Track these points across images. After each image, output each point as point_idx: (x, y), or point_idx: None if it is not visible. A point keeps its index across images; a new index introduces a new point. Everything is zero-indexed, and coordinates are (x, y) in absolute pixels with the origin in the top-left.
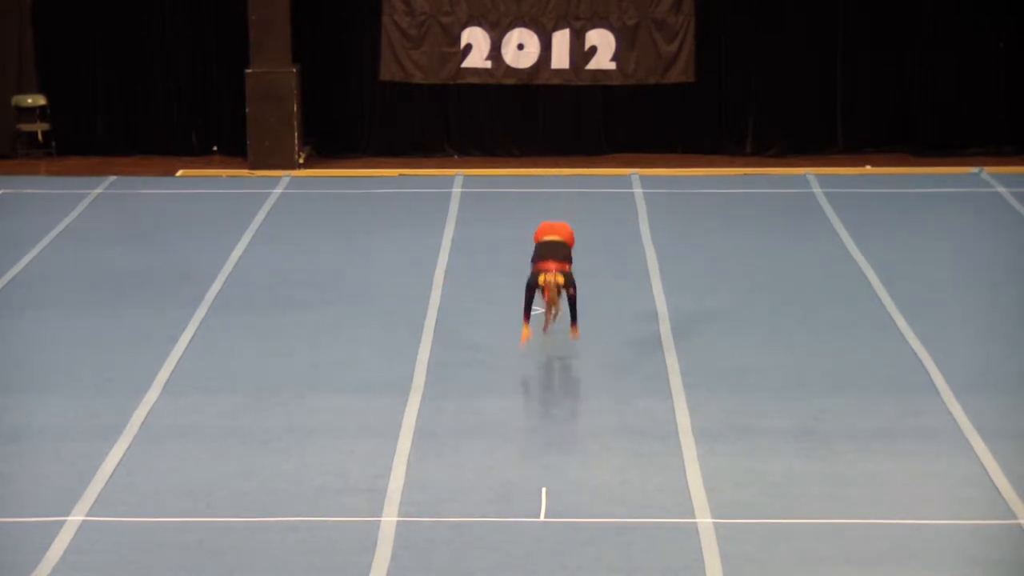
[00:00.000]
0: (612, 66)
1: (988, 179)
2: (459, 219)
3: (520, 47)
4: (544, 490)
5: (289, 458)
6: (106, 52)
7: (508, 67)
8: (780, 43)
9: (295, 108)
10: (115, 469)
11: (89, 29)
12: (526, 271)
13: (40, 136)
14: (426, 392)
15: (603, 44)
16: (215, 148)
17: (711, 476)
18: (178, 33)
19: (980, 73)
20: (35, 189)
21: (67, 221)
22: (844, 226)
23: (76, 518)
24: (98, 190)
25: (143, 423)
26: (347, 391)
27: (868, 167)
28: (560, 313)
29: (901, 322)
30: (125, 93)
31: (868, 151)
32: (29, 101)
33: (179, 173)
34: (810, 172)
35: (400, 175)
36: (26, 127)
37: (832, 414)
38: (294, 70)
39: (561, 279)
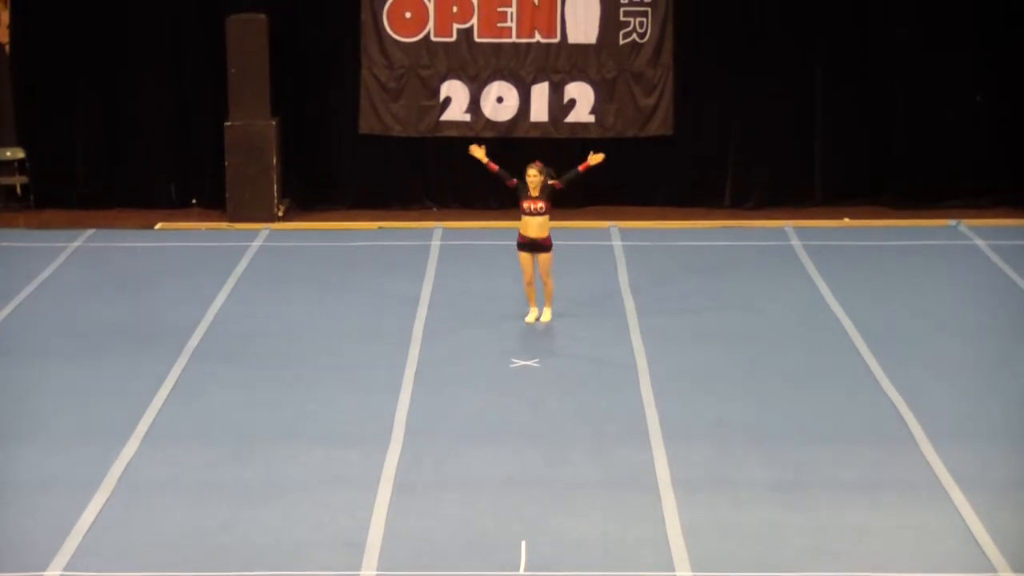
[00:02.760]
0: (591, 119)
1: (965, 231)
2: (438, 271)
3: (499, 100)
4: (524, 543)
5: (268, 511)
6: (84, 104)
7: (487, 120)
8: (758, 96)
9: (274, 161)
10: (93, 522)
11: (68, 81)
12: (506, 324)
13: (18, 189)
14: (405, 444)
15: (582, 97)
16: (194, 201)
17: (691, 528)
18: (157, 85)
19: (957, 126)
20: (13, 242)
21: (46, 274)
22: (823, 277)
23: (54, 573)
24: (77, 243)
25: (122, 475)
26: (326, 443)
27: (846, 219)
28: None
29: (879, 372)
30: (104, 146)
31: (846, 204)
32: (8, 154)
33: (158, 226)
34: (789, 224)
35: (379, 227)
36: (4, 180)
37: (812, 465)
38: (273, 123)
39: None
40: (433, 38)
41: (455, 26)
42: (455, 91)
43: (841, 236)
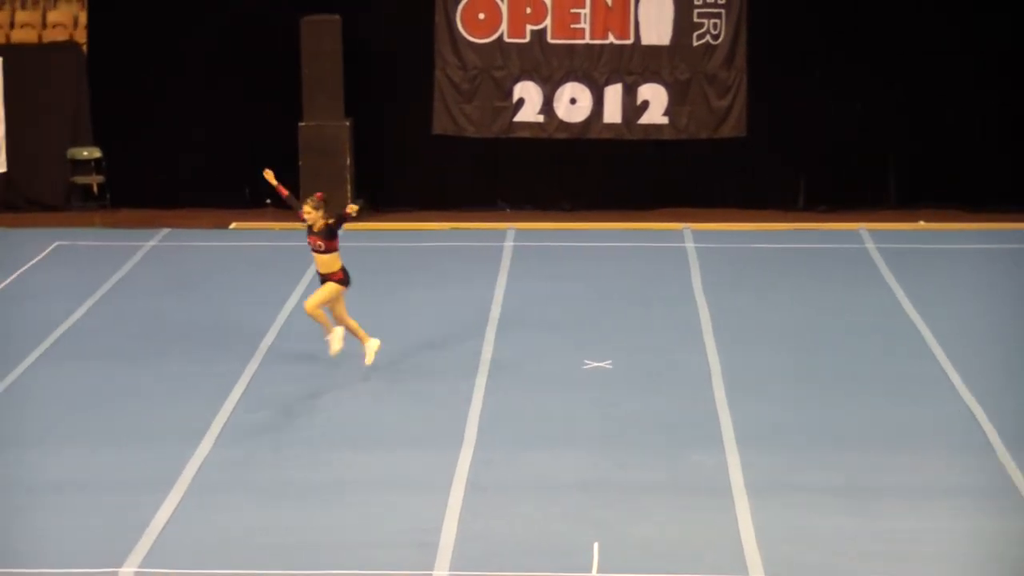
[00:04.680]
0: (664, 121)
1: None
2: (511, 273)
3: (572, 101)
4: (596, 545)
5: (340, 511)
6: (160, 104)
7: (560, 121)
8: (832, 97)
9: (347, 161)
10: (167, 520)
11: (144, 82)
12: (577, 325)
13: (95, 188)
14: (478, 446)
15: (655, 99)
16: (268, 201)
17: (763, 532)
18: (232, 86)
19: None
20: (89, 241)
21: (121, 273)
22: (897, 281)
23: (128, 570)
24: (152, 242)
25: (194, 476)
26: (397, 444)
27: (922, 222)
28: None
29: (955, 378)
30: (179, 145)
31: (922, 206)
32: (84, 153)
33: (232, 226)
34: (863, 227)
35: (452, 228)
36: (81, 179)
37: (885, 470)
38: (347, 123)
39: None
40: (506, 39)
41: (528, 27)
42: (528, 92)
43: (916, 239)
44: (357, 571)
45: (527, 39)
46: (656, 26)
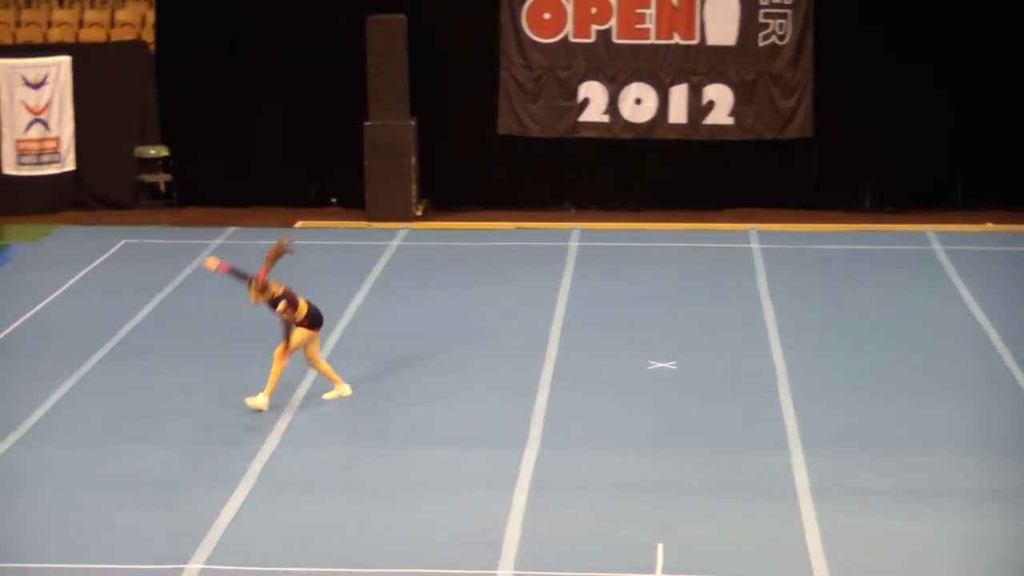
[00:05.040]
0: (729, 121)
1: None
2: (575, 272)
3: (637, 101)
4: (660, 546)
5: (406, 509)
6: (226, 104)
7: (625, 121)
8: (899, 99)
9: (412, 161)
10: (233, 517)
11: (210, 81)
12: (642, 325)
13: (162, 187)
14: (542, 445)
15: (721, 99)
16: (333, 200)
17: (827, 535)
18: (298, 86)
19: None
20: (156, 239)
21: (188, 271)
22: (964, 284)
23: (195, 566)
24: (218, 240)
25: (260, 473)
26: (463, 443)
27: (989, 224)
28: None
29: (1022, 380)
30: (245, 144)
31: (988, 208)
32: (152, 152)
33: (297, 224)
34: (929, 229)
35: (517, 228)
36: (148, 178)
37: (950, 473)
38: (412, 123)
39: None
40: (572, 39)
41: (594, 27)
42: (593, 92)
43: (983, 241)
44: (421, 569)
45: (592, 39)
46: (722, 26)
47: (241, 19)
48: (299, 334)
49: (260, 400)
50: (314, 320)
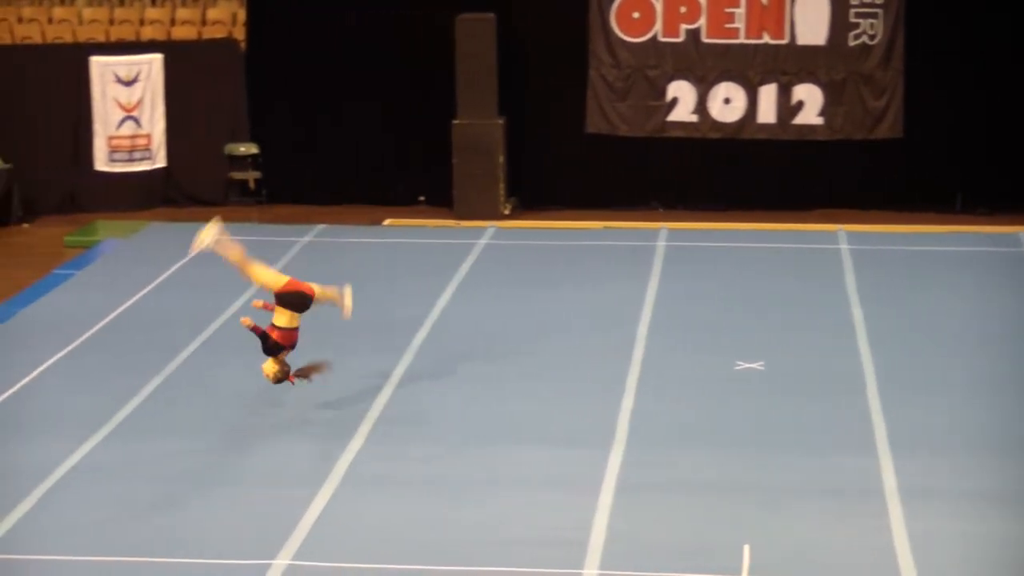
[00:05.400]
0: (819, 121)
1: None
2: (663, 272)
3: (726, 101)
4: (747, 548)
5: (490, 508)
6: (316, 101)
7: (714, 121)
8: (991, 98)
9: (501, 159)
10: (319, 515)
11: (300, 78)
12: (730, 326)
13: (251, 184)
14: (628, 445)
15: (810, 99)
16: (421, 198)
17: (915, 538)
18: (386, 83)
19: None
20: (245, 236)
21: (276, 268)
22: None
23: (282, 562)
24: (307, 238)
25: (347, 470)
26: (548, 442)
27: None
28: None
29: None
30: (334, 142)
31: None
32: (241, 150)
33: (386, 222)
34: (1022, 231)
35: (604, 227)
36: (238, 175)
37: None
38: (500, 122)
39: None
40: (661, 38)
41: (683, 26)
42: (682, 91)
43: None
44: (506, 568)
45: (681, 38)
46: (812, 26)
47: (331, 17)
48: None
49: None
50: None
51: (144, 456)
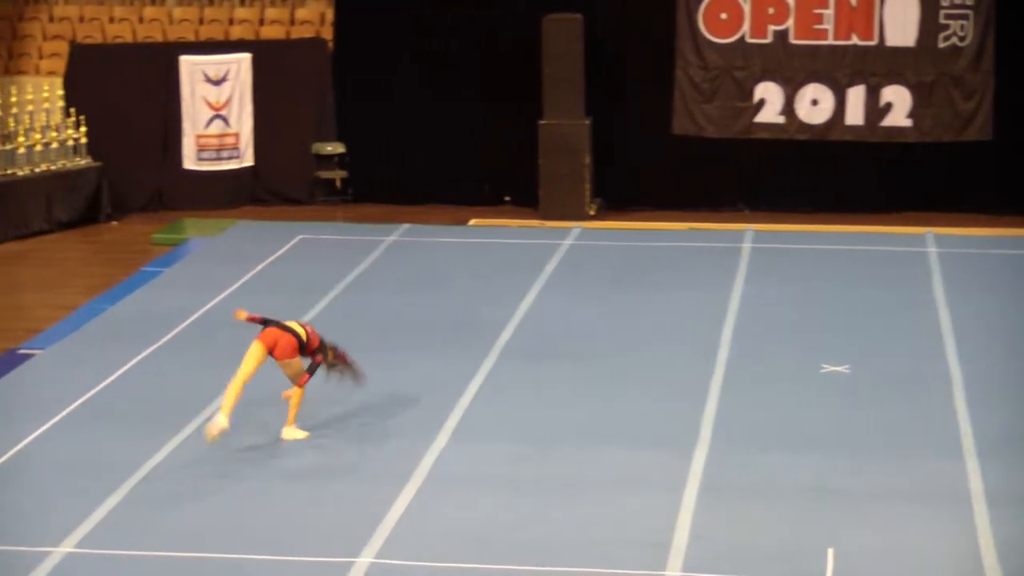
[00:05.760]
0: (907, 123)
1: None
2: (748, 273)
3: (814, 103)
4: (830, 551)
5: (572, 508)
6: (402, 101)
7: (801, 122)
8: None
9: (587, 160)
10: (402, 514)
11: (387, 78)
12: (816, 328)
13: (338, 183)
14: (712, 447)
15: (899, 101)
16: (507, 198)
17: (1003, 543)
18: (473, 83)
19: None
20: (331, 235)
21: (362, 267)
22: None
23: (364, 560)
24: (392, 237)
25: (430, 469)
26: (632, 443)
27: None
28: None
29: None
30: (420, 142)
31: None
32: (328, 149)
33: (471, 222)
34: None
35: (690, 228)
36: (324, 174)
37: None
38: (587, 122)
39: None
40: (748, 39)
41: (771, 27)
42: (769, 93)
43: None
44: (589, 568)
45: (769, 39)
46: (901, 27)
47: (418, 17)
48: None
49: (295, 432)
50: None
51: (230, 454)
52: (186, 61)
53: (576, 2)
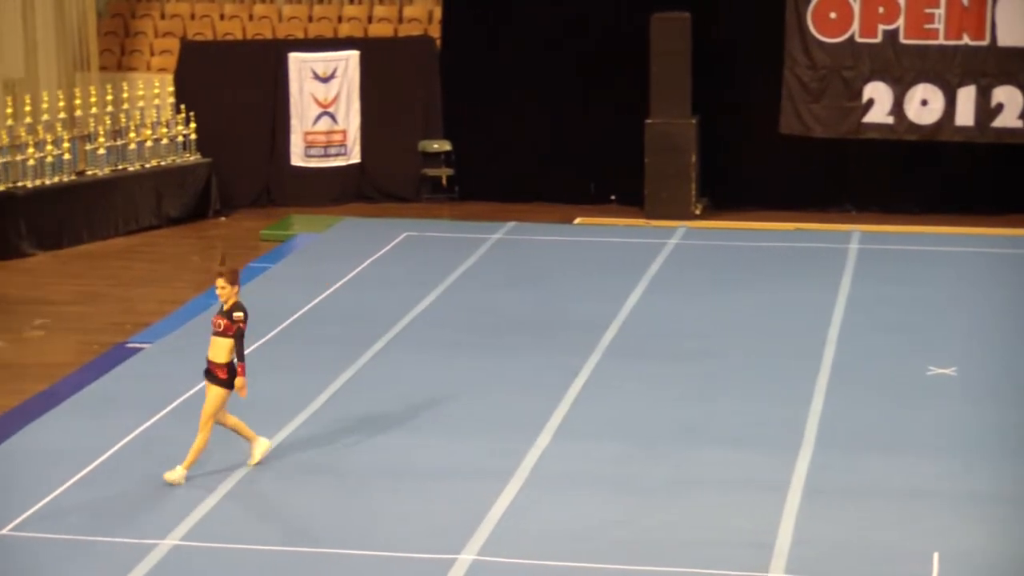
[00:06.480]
0: (1019, 124)
1: None
2: (855, 275)
3: (923, 103)
4: (936, 555)
5: (675, 508)
6: (508, 99)
7: (910, 123)
8: None
9: (693, 159)
10: (505, 511)
11: (493, 77)
12: (922, 330)
13: (444, 181)
14: (816, 448)
15: (1010, 102)
16: (612, 197)
17: None
18: (579, 82)
19: None
20: (437, 232)
21: (467, 264)
22: None
23: (467, 557)
24: (497, 235)
25: (534, 467)
26: (735, 443)
27: None
28: None
29: None
30: (525, 140)
31: None
32: (435, 146)
33: (576, 221)
34: None
35: (796, 229)
36: (431, 172)
37: None
38: (693, 121)
39: None
40: (858, 39)
41: (881, 27)
42: (878, 93)
43: None
44: (692, 568)
45: (879, 39)
46: (1013, 27)
47: (526, 16)
48: (216, 394)
49: (178, 473)
50: (232, 375)
51: (333, 450)
52: (295, 58)
53: (685, 0)
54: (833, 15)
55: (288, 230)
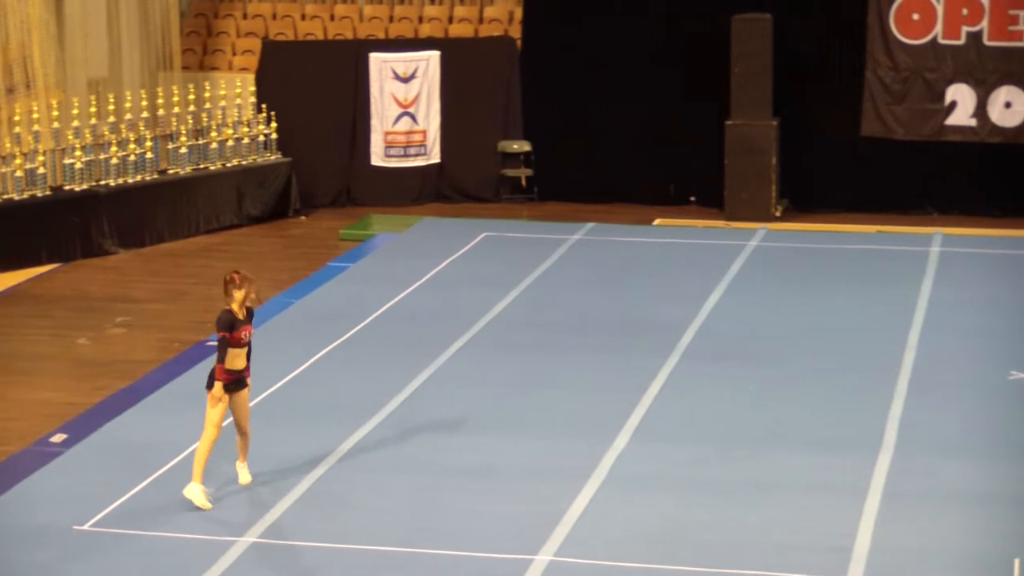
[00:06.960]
0: None
1: None
2: (936, 278)
3: (1007, 105)
4: (1017, 561)
5: (752, 511)
6: (588, 100)
7: (994, 125)
8: None
9: (773, 161)
10: (583, 512)
11: (573, 77)
12: (1004, 334)
13: (523, 181)
14: (896, 452)
15: None
16: (692, 198)
17: None
18: (658, 83)
19: None
20: (516, 233)
21: (546, 265)
22: None
23: (544, 558)
24: (576, 236)
25: (611, 468)
26: (814, 447)
27: None
28: None
29: None
30: (605, 141)
31: None
32: (514, 147)
33: (655, 222)
34: None
35: (877, 231)
36: (510, 172)
37: None
38: (774, 123)
39: None
40: (940, 40)
41: (964, 28)
42: (961, 95)
43: None
44: (770, 572)
45: (962, 41)
46: None
47: (605, 17)
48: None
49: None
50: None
51: (411, 449)
52: (375, 58)
53: (766, 2)
54: (916, 16)
55: (367, 230)
